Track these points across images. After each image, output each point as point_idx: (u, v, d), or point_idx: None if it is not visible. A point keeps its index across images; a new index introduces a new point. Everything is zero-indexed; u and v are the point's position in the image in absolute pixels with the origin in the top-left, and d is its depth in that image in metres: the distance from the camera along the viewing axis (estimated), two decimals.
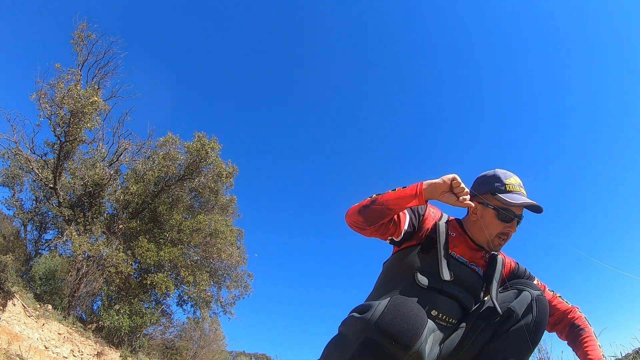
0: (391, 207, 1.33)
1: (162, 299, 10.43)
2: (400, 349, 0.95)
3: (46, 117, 8.70)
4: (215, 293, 11.15)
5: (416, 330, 0.97)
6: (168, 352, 10.64)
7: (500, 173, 1.49)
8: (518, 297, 1.33)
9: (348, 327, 1.09)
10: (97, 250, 8.57)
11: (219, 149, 10.37)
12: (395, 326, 0.97)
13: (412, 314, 1.00)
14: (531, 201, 1.42)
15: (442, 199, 1.31)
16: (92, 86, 9.68)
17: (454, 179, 1.28)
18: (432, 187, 1.30)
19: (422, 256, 1.41)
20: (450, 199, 1.29)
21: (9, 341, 5.71)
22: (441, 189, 1.29)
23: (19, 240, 10.41)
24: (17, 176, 11.01)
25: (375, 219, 1.36)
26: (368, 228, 1.40)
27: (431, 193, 1.30)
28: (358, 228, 1.43)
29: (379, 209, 1.34)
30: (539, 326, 1.28)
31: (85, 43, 9.82)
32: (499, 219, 1.42)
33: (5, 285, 6.33)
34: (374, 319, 0.99)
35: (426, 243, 1.43)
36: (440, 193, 1.29)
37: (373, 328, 0.97)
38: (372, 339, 0.97)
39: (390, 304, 1.02)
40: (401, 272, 1.41)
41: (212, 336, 12.79)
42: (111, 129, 10.86)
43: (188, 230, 9.93)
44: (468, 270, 1.44)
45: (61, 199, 9.54)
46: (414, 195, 1.31)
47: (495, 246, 1.46)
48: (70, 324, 7.54)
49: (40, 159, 9.83)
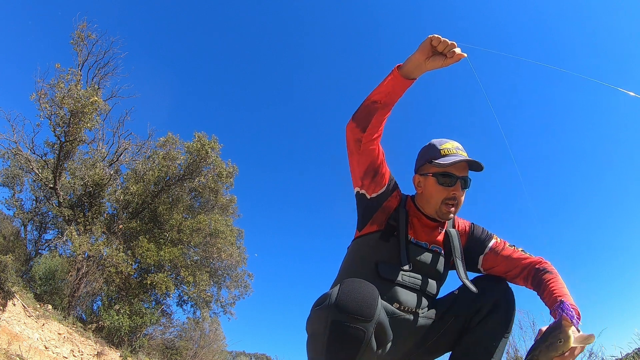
0: (375, 97, 1.30)
1: (162, 299, 10.43)
2: (364, 321, 1.01)
3: (46, 117, 8.71)
4: (215, 293, 11.16)
5: (371, 301, 1.04)
6: (168, 352, 10.64)
7: (435, 141, 1.49)
8: (485, 292, 1.37)
9: (313, 321, 1.12)
10: (97, 250, 8.56)
11: (219, 148, 10.39)
12: (352, 302, 1.03)
13: (363, 289, 1.07)
14: (465, 157, 1.39)
15: (428, 67, 1.25)
16: (92, 86, 9.68)
17: (433, 38, 1.21)
18: (410, 60, 1.25)
19: (383, 244, 1.40)
20: (438, 61, 1.24)
21: (9, 341, 5.71)
22: (422, 56, 1.23)
23: (19, 240, 10.40)
24: (17, 176, 11.00)
25: (366, 117, 1.32)
26: (362, 135, 1.33)
27: (410, 65, 1.26)
28: (354, 140, 1.36)
29: (366, 105, 1.32)
30: (510, 314, 1.35)
31: (85, 43, 9.83)
32: (439, 184, 1.40)
33: (5, 285, 6.33)
34: (332, 303, 1.04)
35: (386, 230, 1.42)
36: (423, 62, 1.24)
37: (334, 310, 1.02)
38: (336, 320, 1.02)
39: (343, 285, 1.08)
40: (362, 262, 1.42)
41: (212, 336, 12.79)
42: (111, 129, 10.87)
43: (188, 230, 9.94)
44: (428, 253, 1.44)
45: (61, 199, 9.54)
46: (393, 74, 1.27)
47: (444, 214, 1.42)
48: (70, 324, 7.53)
49: (40, 159, 9.82)
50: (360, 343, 1.01)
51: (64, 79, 8.76)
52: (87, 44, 9.86)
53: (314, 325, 1.11)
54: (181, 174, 10.24)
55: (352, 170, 1.44)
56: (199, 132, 10.18)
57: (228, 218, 11.41)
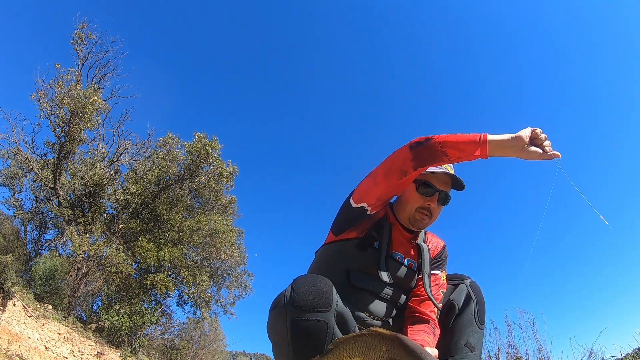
0: (448, 149, 1.16)
1: (162, 299, 10.43)
2: (323, 311, 1.01)
3: (46, 117, 8.70)
4: (215, 293, 11.15)
5: (326, 290, 1.05)
6: (168, 352, 10.64)
7: None
8: (455, 290, 1.44)
9: (273, 325, 1.10)
10: (97, 250, 8.56)
11: (219, 149, 10.37)
12: (307, 296, 1.02)
13: (316, 281, 1.07)
14: (449, 171, 1.39)
15: (519, 155, 1.13)
16: (92, 86, 9.68)
17: (535, 130, 1.13)
18: (501, 143, 1.13)
19: (358, 253, 1.38)
20: (534, 154, 1.12)
21: (9, 341, 5.71)
22: (518, 143, 1.11)
23: (19, 240, 10.40)
24: (17, 176, 11.01)
25: (426, 160, 1.20)
26: (412, 172, 1.23)
27: (497, 148, 1.13)
28: (400, 169, 1.25)
29: (434, 149, 1.18)
30: (481, 307, 1.40)
31: (85, 43, 9.82)
32: (418, 192, 1.41)
33: (5, 285, 6.33)
34: (287, 301, 1.03)
35: (365, 240, 1.38)
36: (513, 149, 1.13)
37: (291, 309, 1.02)
38: (296, 318, 1.01)
39: (294, 284, 1.08)
40: (333, 268, 1.39)
41: (212, 336, 12.80)
42: (111, 129, 10.88)
43: (188, 230, 9.93)
44: (404, 268, 1.44)
45: (61, 199, 9.54)
46: (476, 143, 1.13)
47: (416, 221, 1.42)
48: (70, 324, 7.53)
49: (40, 159, 9.83)
50: (324, 334, 1.01)
51: (64, 79, 8.76)
52: (87, 44, 9.87)
53: (274, 328, 1.09)
54: (181, 174, 10.24)
55: (370, 189, 1.34)
56: (199, 132, 10.19)
57: (228, 218, 11.40)
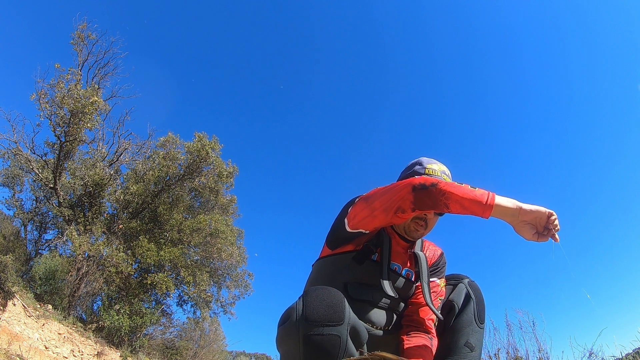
0: (450, 201, 1.12)
1: (162, 299, 10.43)
2: (337, 325, 0.99)
3: (46, 117, 8.71)
4: (215, 293, 11.15)
5: (339, 304, 1.01)
6: (168, 352, 10.65)
7: (424, 159, 1.47)
8: (454, 290, 1.43)
9: (284, 340, 1.06)
10: (97, 250, 8.56)
11: (219, 149, 10.38)
12: (320, 310, 0.99)
13: (328, 294, 1.04)
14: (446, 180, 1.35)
15: (515, 227, 1.11)
16: (92, 86, 9.67)
17: (552, 214, 1.08)
18: (505, 210, 1.09)
19: (355, 266, 1.35)
20: (527, 235, 1.10)
21: (9, 341, 5.71)
22: (524, 217, 1.08)
23: (19, 240, 10.41)
24: (17, 176, 11.02)
25: (426, 205, 1.16)
26: (410, 212, 1.20)
27: (500, 214, 1.09)
28: (397, 207, 1.20)
29: (437, 197, 1.13)
30: (480, 306, 1.39)
31: (85, 43, 9.82)
32: None
33: (6, 285, 6.33)
34: (300, 316, 1.00)
35: (362, 253, 1.36)
36: (513, 217, 1.09)
37: (303, 324, 0.98)
38: (308, 333, 0.98)
39: (306, 296, 1.04)
40: (330, 282, 1.35)
41: (212, 336, 12.82)
42: (111, 129, 10.89)
43: (188, 230, 9.93)
44: (402, 279, 1.42)
45: (61, 199, 9.54)
46: (482, 205, 1.08)
47: (411, 231, 1.40)
48: (70, 324, 7.53)
49: (40, 159, 9.83)
50: (337, 349, 0.98)
51: (64, 79, 8.77)
52: (87, 44, 9.87)
53: (286, 345, 1.05)
54: (181, 174, 10.24)
55: (367, 220, 1.30)
56: (199, 132, 10.20)
57: (228, 218, 11.41)
